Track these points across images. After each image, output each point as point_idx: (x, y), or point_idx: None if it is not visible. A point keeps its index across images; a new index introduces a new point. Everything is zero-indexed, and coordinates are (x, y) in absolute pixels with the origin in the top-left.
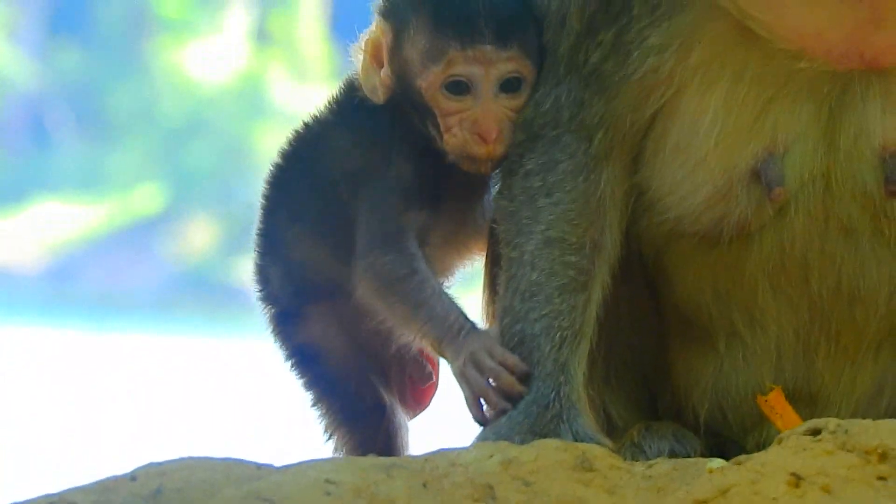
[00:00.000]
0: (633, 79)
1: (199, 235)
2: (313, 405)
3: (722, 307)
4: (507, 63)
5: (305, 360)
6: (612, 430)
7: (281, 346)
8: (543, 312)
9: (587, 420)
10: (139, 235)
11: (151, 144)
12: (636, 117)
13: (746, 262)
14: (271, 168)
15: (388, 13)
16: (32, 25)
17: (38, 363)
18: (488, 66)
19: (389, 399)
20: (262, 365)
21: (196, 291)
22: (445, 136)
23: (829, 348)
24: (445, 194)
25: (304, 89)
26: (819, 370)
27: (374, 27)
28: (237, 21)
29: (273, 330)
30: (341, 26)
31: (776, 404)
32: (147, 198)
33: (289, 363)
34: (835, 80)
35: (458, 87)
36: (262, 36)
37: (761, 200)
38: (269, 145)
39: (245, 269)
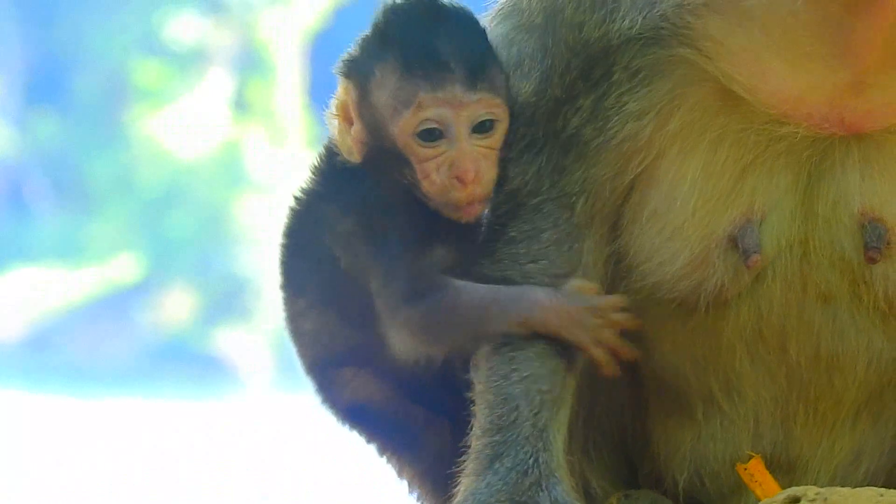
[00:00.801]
0: (611, 145)
1: (178, 304)
2: (381, 455)
3: (700, 374)
4: (478, 105)
5: (356, 419)
6: (590, 500)
7: (331, 411)
8: (524, 375)
9: (566, 487)
10: (117, 304)
11: (130, 213)
12: (616, 184)
13: (724, 330)
14: (279, 248)
15: (349, 71)
16: (10, 95)
17: (15, 429)
18: (459, 108)
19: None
20: (240, 431)
21: (174, 360)
22: (424, 183)
23: (807, 416)
24: (439, 240)
25: (282, 157)
26: (797, 437)
27: (339, 89)
28: (215, 90)
29: (320, 398)
30: (319, 94)
31: (756, 472)
32: (125, 267)
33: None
34: (814, 146)
35: (431, 134)
36: (240, 105)
37: (738, 267)
38: (247, 214)
39: (223, 338)
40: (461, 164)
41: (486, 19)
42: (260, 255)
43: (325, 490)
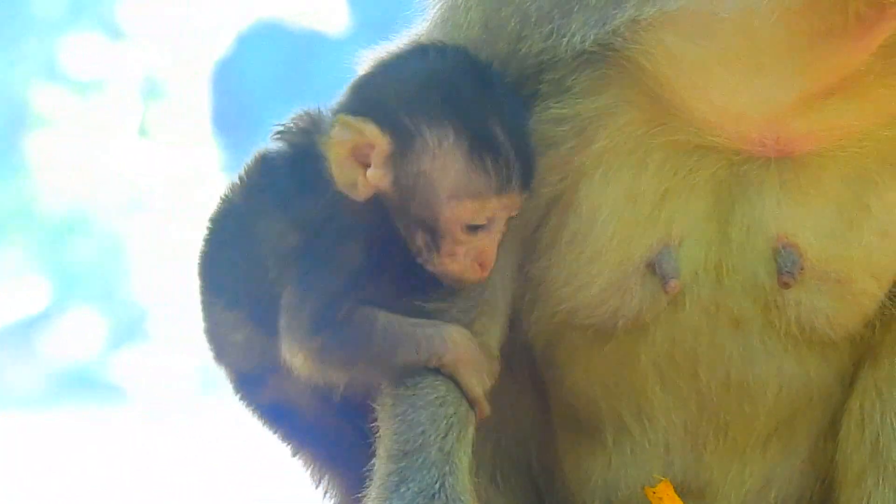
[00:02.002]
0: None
1: (82, 332)
2: (293, 455)
3: (611, 400)
4: (521, 204)
5: (273, 419)
6: None
7: (246, 406)
8: (430, 399)
9: None
10: (22, 332)
11: (33, 241)
12: (531, 205)
13: (637, 355)
14: (201, 251)
15: (384, 121)
16: None
17: None
18: (511, 209)
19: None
20: (144, 460)
21: (79, 388)
22: (445, 259)
23: (717, 441)
24: (385, 278)
25: (186, 184)
26: (707, 463)
27: (356, 125)
28: (118, 117)
29: (235, 390)
30: (222, 121)
31: (664, 496)
32: (29, 295)
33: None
34: (735, 169)
35: (478, 227)
36: (143, 132)
37: (656, 293)
38: (152, 241)
39: (128, 365)
40: (488, 253)
41: (419, 29)
42: (165, 283)
43: None
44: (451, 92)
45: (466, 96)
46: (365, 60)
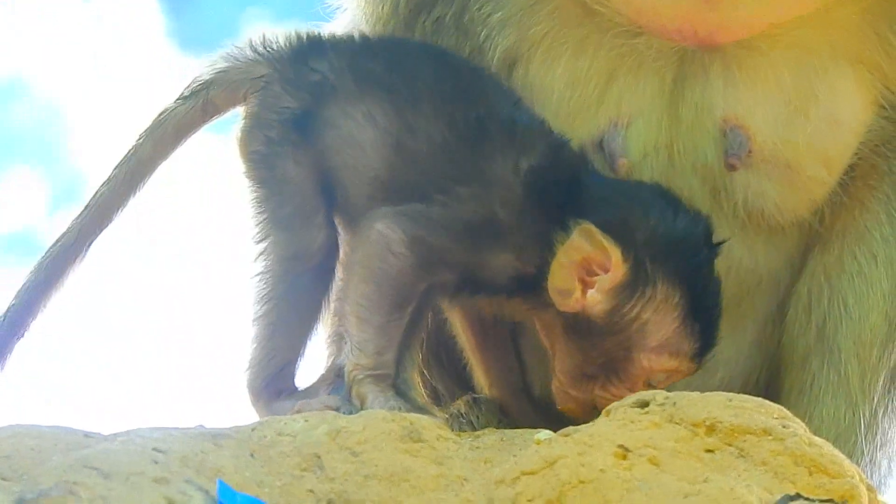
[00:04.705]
0: (483, 58)
1: (22, 195)
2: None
3: None
4: None
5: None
6: (437, 402)
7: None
8: None
9: (417, 392)
10: None
11: None
12: None
13: None
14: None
15: (629, 252)
16: None
17: None
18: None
19: None
20: (85, 328)
21: (19, 250)
22: (598, 391)
23: None
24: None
25: (129, 47)
26: None
27: (602, 243)
28: None
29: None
30: None
31: None
32: None
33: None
34: (676, 54)
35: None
36: None
37: (606, 172)
38: (94, 105)
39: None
40: (635, 390)
41: None
42: (106, 148)
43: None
44: (692, 256)
45: (700, 264)
46: None
